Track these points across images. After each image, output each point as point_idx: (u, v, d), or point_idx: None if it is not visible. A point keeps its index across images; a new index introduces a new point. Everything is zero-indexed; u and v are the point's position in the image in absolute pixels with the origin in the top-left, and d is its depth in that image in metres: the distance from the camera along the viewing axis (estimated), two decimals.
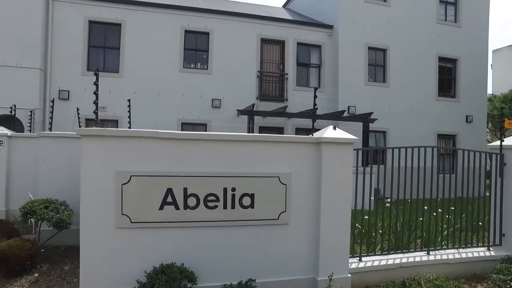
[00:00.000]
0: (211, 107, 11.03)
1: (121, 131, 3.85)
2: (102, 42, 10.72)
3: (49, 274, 5.20)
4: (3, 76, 9.52)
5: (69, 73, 10.30)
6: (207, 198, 4.09)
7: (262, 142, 4.28)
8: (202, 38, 11.32)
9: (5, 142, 7.89)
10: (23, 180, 8.03)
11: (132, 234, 3.93)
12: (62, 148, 6.32)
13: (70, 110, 10.11)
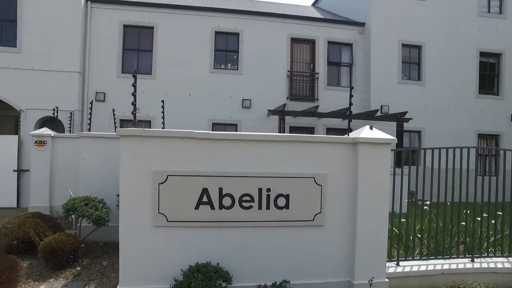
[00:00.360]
0: (241, 107, 11.08)
1: (158, 132, 3.93)
2: (136, 45, 11.06)
3: (89, 268, 5.41)
4: (47, 80, 10.04)
5: (105, 76, 10.71)
6: (242, 198, 4.09)
7: (298, 142, 4.22)
8: (232, 39, 11.39)
9: (48, 142, 8.32)
10: (64, 178, 8.42)
11: (168, 233, 4.00)
12: (100, 147, 6.56)
13: (106, 111, 10.47)
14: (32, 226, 5.63)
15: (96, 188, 6.49)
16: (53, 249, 5.08)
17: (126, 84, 10.79)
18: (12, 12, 10.13)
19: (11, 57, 9.99)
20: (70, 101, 10.10)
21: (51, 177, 8.41)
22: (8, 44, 10.11)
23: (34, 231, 5.57)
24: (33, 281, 4.91)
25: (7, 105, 10.92)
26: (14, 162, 9.76)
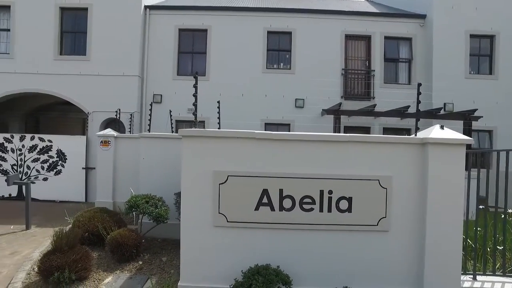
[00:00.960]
0: (294, 107, 10.93)
1: (219, 132, 3.95)
2: (190, 48, 11.41)
3: (150, 263, 5.64)
4: (111, 84, 10.76)
5: (161, 79, 11.19)
6: (303, 200, 3.98)
7: (361, 143, 4.00)
8: (285, 38, 11.28)
9: (112, 142, 8.87)
10: (125, 176, 8.93)
11: (228, 233, 4.01)
12: (159, 147, 6.82)
13: (162, 112, 10.95)
14: (100, 220, 6.02)
15: (155, 186, 6.76)
16: (119, 243, 5.37)
17: (181, 86, 11.22)
18: (83, 24, 11.01)
19: (81, 65, 10.87)
20: (130, 103, 10.70)
21: (114, 175, 8.94)
22: (79, 53, 11.02)
23: (102, 225, 5.94)
24: (102, 271, 5.23)
25: (77, 108, 11.87)
26: (83, 160, 10.57)
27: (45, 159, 10.66)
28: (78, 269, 4.64)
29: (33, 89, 11.01)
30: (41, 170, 10.69)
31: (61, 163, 10.60)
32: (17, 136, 10.83)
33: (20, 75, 11.00)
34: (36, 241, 6.86)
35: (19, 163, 10.76)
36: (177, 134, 7.10)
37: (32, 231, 7.58)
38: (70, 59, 10.93)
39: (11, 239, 6.98)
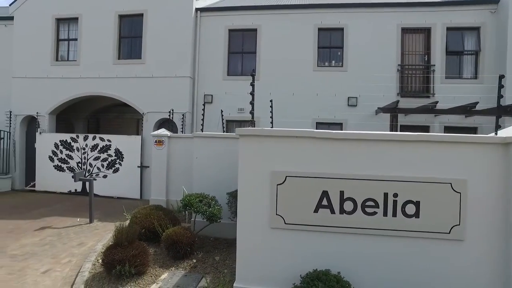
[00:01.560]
0: (347, 105, 10.52)
1: (277, 131, 3.83)
2: (240, 47, 11.46)
3: (204, 262, 5.69)
4: (164, 86, 11.15)
5: (212, 79, 11.36)
6: (365, 203, 3.73)
7: (431, 142, 3.66)
8: (336, 35, 10.89)
9: (165, 141, 9.16)
10: (178, 174, 9.18)
11: (285, 235, 3.88)
12: (212, 147, 6.88)
13: (213, 112, 11.12)
14: (156, 218, 6.20)
15: (207, 185, 6.84)
16: (174, 240, 5.48)
17: (231, 86, 11.32)
18: (139, 29, 11.56)
19: (137, 68, 11.41)
20: (182, 103, 11.01)
21: (168, 173, 9.23)
22: (135, 56, 11.59)
23: (158, 222, 6.12)
24: (158, 267, 5.36)
25: (132, 109, 12.48)
26: (138, 159, 11.08)
27: (104, 157, 11.34)
28: (137, 263, 4.79)
29: (95, 92, 11.76)
30: (101, 168, 11.39)
31: (119, 162, 11.20)
32: (81, 136, 11.64)
33: (85, 80, 11.81)
34: (98, 234, 7.27)
35: (83, 161, 11.56)
36: (230, 134, 7.13)
37: (94, 224, 8.06)
38: (127, 63, 11.52)
39: (78, 231, 7.47)
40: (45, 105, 12.14)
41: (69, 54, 12.30)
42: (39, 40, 12.28)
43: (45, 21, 12.24)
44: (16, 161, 12.51)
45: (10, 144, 12.52)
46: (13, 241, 6.74)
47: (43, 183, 11.94)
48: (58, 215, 8.85)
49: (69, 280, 5.06)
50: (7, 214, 8.79)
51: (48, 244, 6.60)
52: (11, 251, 6.18)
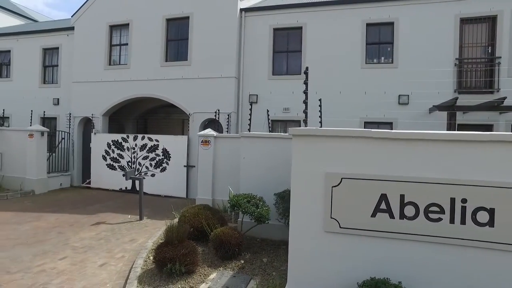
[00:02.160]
0: (397, 103, 9.95)
1: (332, 131, 3.65)
2: (285, 46, 11.31)
3: (251, 263, 5.64)
4: (209, 86, 11.33)
5: (257, 79, 11.33)
6: (429, 208, 3.43)
7: (508, 143, 3.28)
8: (386, 30, 10.35)
9: (211, 141, 9.26)
10: (223, 174, 9.24)
11: (340, 240, 3.69)
12: (259, 147, 6.81)
13: (258, 112, 11.09)
14: (204, 217, 6.25)
15: (254, 185, 6.78)
16: (222, 241, 5.48)
17: (276, 86, 11.22)
18: (185, 32, 11.86)
19: (183, 69, 11.70)
20: (227, 103, 11.09)
21: (214, 173, 9.33)
22: (181, 58, 11.89)
23: (206, 222, 6.17)
24: (207, 267, 5.39)
25: (177, 110, 12.83)
26: (184, 159, 11.35)
27: (152, 157, 11.76)
28: (187, 262, 4.84)
29: (144, 94, 12.25)
30: (150, 167, 11.82)
31: (166, 161, 11.55)
32: (131, 136, 12.18)
33: (134, 82, 12.35)
34: (148, 232, 7.52)
35: (132, 160, 12.08)
36: (278, 134, 7.02)
37: (144, 222, 8.35)
38: (174, 65, 11.86)
39: (129, 228, 7.79)
40: (99, 107, 12.87)
41: (120, 59, 12.94)
42: (94, 47, 13.05)
43: (100, 29, 12.98)
44: (74, 159, 13.40)
45: (70, 144, 13.43)
46: (73, 234, 7.18)
47: (97, 181, 12.66)
48: (111, 211, 9.30)
49: (123, 275, 5.25)
50: (69, 209, 9.41)
51: (103, 238, 6.94)
52: (72, 243, 6.58)
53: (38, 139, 11.61)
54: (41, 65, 14.92)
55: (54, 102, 14.45)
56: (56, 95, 14.48)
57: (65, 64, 14.30)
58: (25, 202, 10.31)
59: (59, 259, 5.78)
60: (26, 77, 15.18)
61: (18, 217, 8.41)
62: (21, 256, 5.87)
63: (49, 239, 6.80)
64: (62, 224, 7.88)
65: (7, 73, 15.87)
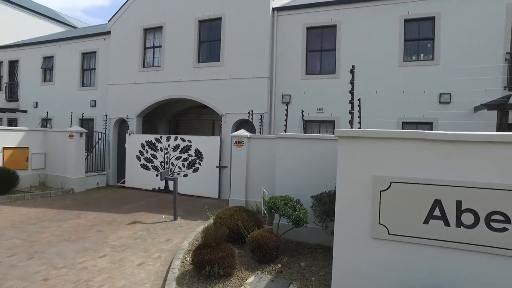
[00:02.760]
0: (438, 103, 9.44)
1: (381, 132, 3.45)
2: (319, 45, 11.06)
3: (289, 267, 5.50)
4: (242, 87, 11.30)
5: (290, 79, 11.16)
6: (490, 216, 3.16)
7: None
8: (426, 25, 9.84)
9: (245, 142, 9.21)
10: (257, 175, 9.16)
11: (389, 247, 3.49)
12: (296, 148, 6.65)
13: (291, 113, 10.93)
14: (240, 219, 6.18)
15: (291, 187, 6.64)
16: (260, 244, 5.38)
17: (310, 86, 11.01)
18: (217, 33, 11.92)
19: (215, 70, 11.74)
20: (260, 104, 11.00)
21: (247, 174, 9.27)
22: (214, 59, 11.94)
23: (242, 224, 6.10)
24: (244, 270, 5.31)
25: (209, 110, 12.92)
26: (216, 159, 11.38)
27: (185, 157, 11.89)
28: (225, 265, 4.78)
29: (177, 95, 12.42)
30: (182, 167, 11.96)
31: (198, 162, 11.64)
32: (164, 137, 12.38)
33: (167, 84, 12.56)
34: (183, 232, 7.57)
35: (165, 160, 12.28)
36: (315, 135, 6.84)
37: (178, 222, 8.43)
38: (206, 66, 11.93)
39: (164, 228, 7.88)
40: (134, 108, 13.20)
41: (154, 61, 13.20)
42: (129, 50, 13.41)
43: (134, 32, 13.32)
44: (110, 159, 13.83)
45: (106, 144, 13.88)
46: (111, 232, 7.35)
47: (131, 180, 12.98)
48: (146, 211, 9.47)
49: (161, 275, 5.28)
50: (106, 208, 9.68)
51: (139, 238, 7.05)
52: (111, 242, 6.73)
53: (77, 139, 12.07)
54: (80, 68, 15.54)
55: (92, 104, 15.00)
56: (93, 97, 15.03)
57: (101, 67, 14.81)
58: (66, 200, 10.74)
59: (99, 257, 5.92)
60: (67, 81, 15.87)
61: (60, 215, 8.75)
62: (65, 253, 6.08)
63: (89, 237, 7.00)
64: (100, 223, 8.10)
65: (50, 78, 16.68)
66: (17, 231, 7.29)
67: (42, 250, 6.16)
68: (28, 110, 17.19)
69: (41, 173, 12.56)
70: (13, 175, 10.75)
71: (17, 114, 17.55)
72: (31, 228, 7.50)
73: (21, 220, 8.17)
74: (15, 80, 18.11)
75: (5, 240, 6.67)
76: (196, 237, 6.86)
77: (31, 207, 9.56)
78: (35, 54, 17.06)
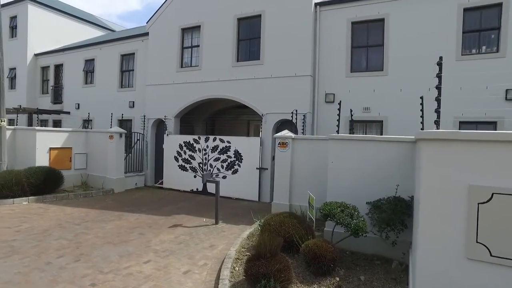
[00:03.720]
0: (504, 99, 8.50)
1: (477, 134, 2.90)
2: (365, 41, 10.39)
3: (348, 281, 5.01)
4: (283, 86, 10.86)
5: (333, 77, 10.58)
6: None
7: None
8: (490, 13, 8.88)
9: (289, 143, 8.76)
10: (302, 178, 8.68)
11: (491, 272, 2.91)
12: (351, 151, 6.14)
13: (335, 112, 10.36)
14: (291, 226, 5.76)
15: (344, 192, 6.13)
16: (316, 254, 4.93)
17: (355, 84, 10.39)
18: (257, 30, 11.57)
19: (255, 69, 11.38)
20: (302, 103, 10.49)
21: (291, 177, 8.81)
22: (253, 58, 11.61)
23: (294, 231, 5.67)
24: (299, 283, 4.88)
25: (244, 111, 12.60)
26: (257, 161, 11.01)
27: (224, 158, 11.63)
28: (281, 279, 4.38)
29: (215, 95, 12.20)
30: (221, 168, 11.71)
31: (238, 163, 11.33)
32: (203, 138, 12.20)
33: (205, 84, 12.37)
34: (226, 237, 7.25)
35: (204, 161, 12.09)
36: (373, 136, 6.29)
37: (220, 226, 8.13)
38: (246, 65, 11.60)
39: (206, 232, 7.61)
40: (171, 109, 13.14)
41: (192, 60, 13.08)
42: (167, 50, 13.38)
43: (172, 32, 13.27)
44: (148, 160, 13.87)
45: (144, 145, 13.94)
46: (153, 236, 7.18)
47: (169, 181, 12.93)
48: (185, 213, 9.28)
49: (209, 286, 4.97)
50: (145, 209, 9.61)
51: (182, 243, 6.80)
52: (154, 246, 6.54)
53: (117, 140, 12.16)
54: (119, 70, 15.79)
55: (130, 105, 15.17)
56: (132, 98, 15.19)
57: (140, 68, 14.94)
58: (106, 200, 10.80)
59: (143, 263, 5.72)
60: (106, 82, 16.20)
61: (102, 215, 8.74)
62: (109, 256, 5.93)
63: (131, 240, 6.85)
64: (141, 225, 7.97)
65: (91, 80, 17.12)
66: (64, 231, 7.30)
67: (87, 253, 6.06)
68: (71, 112, 17.74)
69: (83, 173, 12.79)
70: (58, 175, 10.97)
71: (61, 116, 18.17)
72: (76, 229, 7.49)
73: (66, 219, 8.22)
74: (59, 83, 18.79)
75: (53, 240, 6.68)
76: (243, 244, 6.51)
77: (75, 206, 9.66)
78: (77, 58, 17.58)
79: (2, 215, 8.56)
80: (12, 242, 6.51)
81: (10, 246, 6.30)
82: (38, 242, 6.56)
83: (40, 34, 19.98)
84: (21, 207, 9.47)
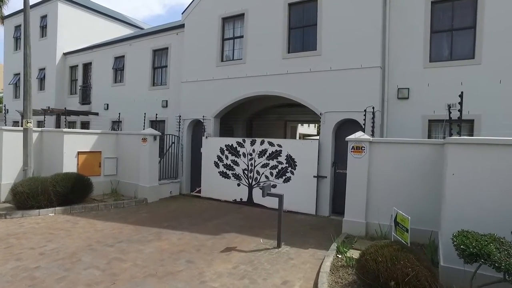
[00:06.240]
0: None
1: None
2: (449, 24, 8.50)
3: None
4: (345, 80, 9.07)
5: (408, 68, 8.79)
6: None
7: None
8: None
9: (366, 148, 7.07)
10: (383, 191, 7.00)
11: None
12: (484, 159, 4.42)
13: (409, 111, 8.68)
14: (409, 266, 4.08)
15: (473, 216, 4.42)
16: None
17: (435, 75, 8.54)
18: (312, 17, 9.88)
19: (311, 61, 9.69)
20: (369, 100, 8.71)
21: (368, 189, 7.12)
22: (308, 48, 9.88)
23: (413, 272, 4.00)
24: None
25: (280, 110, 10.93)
26: (314, 168, 9.35)
27: (274, 164, 10.04)
28: None
29: (263, 92, 10.60)
30: (270, 176, 10.13)
31: (290, 170, 9.72)
32: (248, 141, 10.66)
33: (251, 79, 10.83)
34: (298, 268, 5.65)
35: (249, 168, 10.55)
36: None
37: (284, 250, 6.54)
38: (299, 56, 9.95)
39: (270, 260, 6.02)
40: (210, 108, 11.70)
41: (234, 53, 11.59)
42: (205, 43, 11.98)
43: (211, 23, 11.86)
44: (183, 165, 12.49)
45: (179, 149, 12.58)
46: (205, 264, 5.68)
47: (207, 190, 11.48)
48: (236, 231, 7.77)
49: None
50: (187, 225, 8.18)
51: (245, 277, 5.25)
52: (210, 282, 5.01)
53: (151, 143, 10.85)
54: (151, 67, 14.58)
55: (163, 105, 13.91)
56: (165, 97, 13.93)
57: (174, 64, 13.65)
58: (140, 212, 9.46)
59: None
60: (137, 81, 15.05)
61: (138, 233, 7.35)
62: None
63: (179, 272, 5.37)
64: (187, 248, 6.50)
65: (121, 78, 16.04)
66: (94, 255, 5.93)
67: None
68: (99, 113, 16.73)
69: (113, 180, 11.55)
70: (87, 182, 9.74)
71: (89, 117, 17.19)
72: (109, 252, 6.10)
73: (97, 239, 6.86)
74: (88, 82, 17.85)
75: (83, 270, 5.29)
76: (330, 283, 4.88)
77: (106, 220, 8.34)
78: (106, 55, 16.56)
79: (26, 229, 7.34)
80: (35, 271, 5.19)
81: (31, 277, 4.96)
82: (65, 272, 5.19)
83: (69, 33, 19.16)
84: (47, 219, 8.25)
